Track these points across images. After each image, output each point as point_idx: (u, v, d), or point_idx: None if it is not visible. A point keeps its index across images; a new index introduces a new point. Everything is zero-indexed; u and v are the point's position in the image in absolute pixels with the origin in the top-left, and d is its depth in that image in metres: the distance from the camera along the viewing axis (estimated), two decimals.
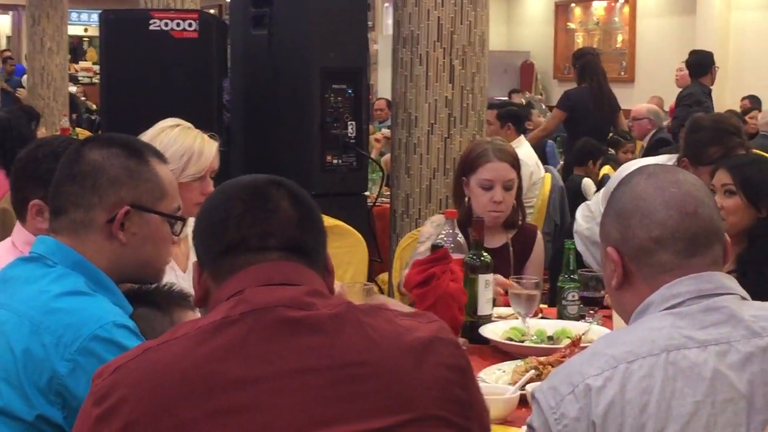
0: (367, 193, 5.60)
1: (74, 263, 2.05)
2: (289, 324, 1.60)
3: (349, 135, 5.23)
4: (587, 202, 4.30)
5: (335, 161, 5.20)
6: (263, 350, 1.58)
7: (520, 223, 3.77)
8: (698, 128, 3.86)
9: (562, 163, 8.46)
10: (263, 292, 1.64)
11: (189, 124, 3.22)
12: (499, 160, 3.64)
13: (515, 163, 3.70)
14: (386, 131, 8.49)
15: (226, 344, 1.58)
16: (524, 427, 1.91)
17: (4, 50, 16.80)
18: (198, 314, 2.25)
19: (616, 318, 2.98)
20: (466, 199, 3.70)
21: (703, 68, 8.51)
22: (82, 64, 22.06)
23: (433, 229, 3.71)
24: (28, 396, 1.91)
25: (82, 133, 10.27)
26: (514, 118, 6.84)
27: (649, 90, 12.87)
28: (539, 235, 3.87)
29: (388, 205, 5.72)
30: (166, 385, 1.55)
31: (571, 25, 15.98)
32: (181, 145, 3.10)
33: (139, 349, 1.64)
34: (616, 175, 4.17)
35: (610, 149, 8.07)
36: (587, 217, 4.33)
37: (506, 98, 12.35)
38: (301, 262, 1.70)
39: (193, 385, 1.55)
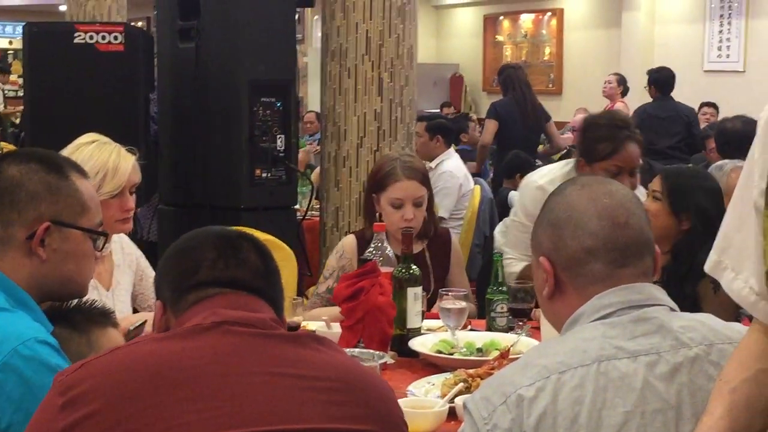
0: (296, 207, 5.58)
1: None
2: (258, 336, 1.71)
3: (278, 148, 5.20)
4: (505, 218, 4.33)
5: (264, 175, 5.17)
6: (233, 351, 1.67)
7: (432, 231, 3.78)
8: (590, 127, 3.90)
9: (491, 175, 8.50)
10: (232, 312, 1.73)
11: (107, 140, 3.17)
12: (408, 178, 3.64)
13: (424, 179, 3.71)
14: (310, 147, 8.49)
15: (198, 345, 1.67)
16: None
17: None
18: (119, 333, 2.24)
19: (545, 329, 2.99)
20: (378, 215, 3.70)
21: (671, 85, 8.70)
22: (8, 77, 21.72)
23: (337, 262, 3.71)
24: None
25: (7, 148, 10.10)
26: (444, 131, 6.86)
27: (576, 102, 13.01)
28: (453, 237, 3.89)
29: (317, 219, 5.71)
30: (133, 376, 1.62)
31: (500, 38, 16.10)
32: (97, 161, 3.06)
33: (104, 351, 1.72)
34: (522, 185, 4.20)
35: (538, 161, 8.13)
36: (504, 233, 4.36)
37: (437, 111, 12.40)
38: (264, 302, 1.81)
39: (161, 376, 1.61)
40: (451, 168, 6.58)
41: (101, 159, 3.07)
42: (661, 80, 8.72)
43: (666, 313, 1.80)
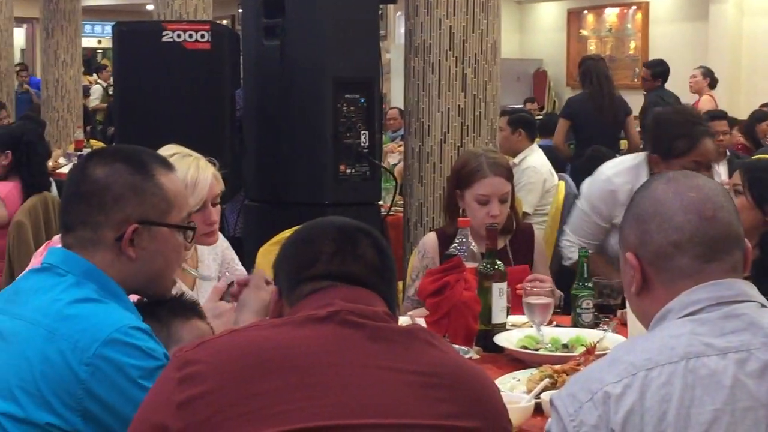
0: (380, 203, 5.60)
1: (85, 272, 2.07)
2: (371, 329, 1.74)
3: (362, 144, 5.22)
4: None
5: (348, 171, 5.20)
6: (343, 344, 1.71)
7: (514, 227, 3.77)
8: (664, 124, 3.85)
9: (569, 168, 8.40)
10: (347, 304, 1.77)
11: (187, 152, 3.15)
12: (494, 174, 3.63)
13: (509, 175, 3.70)
14: (393, 145, 8.49)
15: (310, 334, 1.71)
16: None
17: (18, 64, 16.88)
18: (206, 325, 2.27)
19: (632, 325, 2.97)
20: (461, 211, 3.69)
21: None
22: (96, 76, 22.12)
23: (420, 263, 3.71)
24: (48, 402, 1.92)
25: (96, 145, 10.30)
26: (525, 124, 6.79)
27: None
28: (536, 233, 3.88)
29: (401, 215, 5.72)
30: (249, 361, 1.66)
31: (584, 33, 15.96)
32: None
33: (223, 333, 1.79)
34: (594, 174, 4.16)
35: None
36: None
37: (521, 106, 12.32)
38: (378, 296, 1.85)
39: (275, 362, 1.66)
40: (535, 163, 6.53)
41: (180, 173, 3.04)
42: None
43: (757, 310, 1.77)
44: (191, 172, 3.10)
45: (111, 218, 2.09)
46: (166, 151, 3.15)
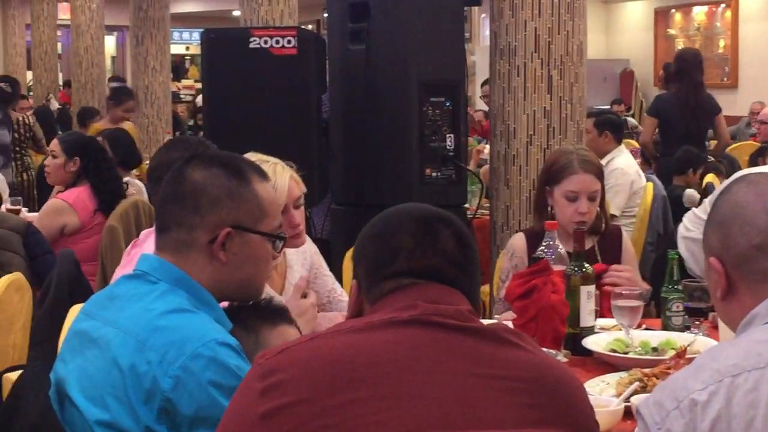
0: (466, 206, 5.59)
1: (176, 280, 2.09)
2: (455, 331, 1.69)
3: (448, 147, 5.22)
4: (695, 209, 4.21)
5: (434, 174, 5.20)
6: (430, 348, 1.66)
7: (603, 228, 3.74)
8: None
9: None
10: (429, 305, 1.72)
11: (266, 158, 3.15)
12: (585, 171, 3.61)
13: (600, 173, 3.67)
14: (481, 146, 8.47)
15: (393, 339, 1.67)
16: None
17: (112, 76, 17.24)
18: (295, 330, 2.28)
19: (723, 328, 2.92)
20: (549, 208, 3.68)
21: None
22: (184, 82, 22.47)
23: (509, 263, 3.70)
24: (135, 411, 1.95)
25: None
26: (612, 126, 6.72)
27: (752, 95, 12.61)
28: (624, 234, 3.84)
29: (487, 217, 5.71)
30: (333, 370, 1.62)
31: (672, 32, 15.75)
32: None
33: (304, 338, 1.74)
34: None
35: (710, 157, 7.89)
36: (696, 223, 4.25)
37: (607, 107, 12.20)
38: (460, 294, 1.79)
39: (356, 371, 1.62)
40: (622, 165, 6.46)
41: None
42: None
43: None
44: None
45: (206, 221, 2.12)
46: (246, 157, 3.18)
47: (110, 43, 21.65)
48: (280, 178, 3.12)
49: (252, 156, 3.14)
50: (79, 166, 5.43)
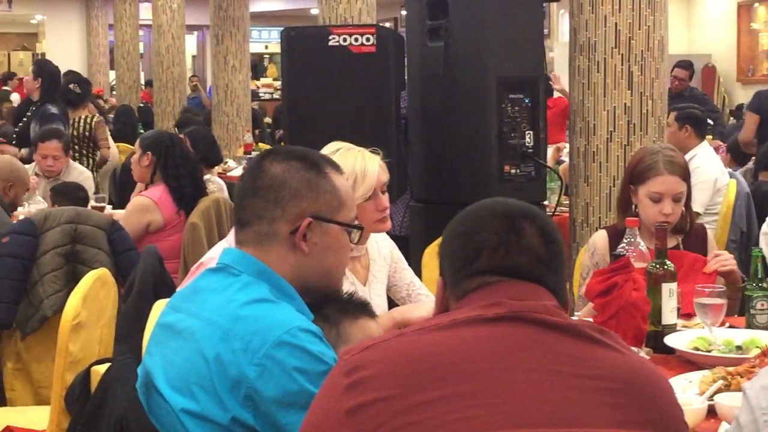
0: (545, 203, 5.56)
1: (258, 272, 2.12)
2: (542, 329, 1.68)
3: (527, 144, 5.21)
4: None
5: (513, 171, 5.19)
6: (513, 346, 1.65)
7: (688, 227, 3.70)
8: None
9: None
10: (515, 302, 1.71)
11: (350, 146, 3.22)
12: (670, 173, 3.57)
13: (686, 174, 3.63)
14: (561, 143, 8.42)
15: (479, 336, 1.66)
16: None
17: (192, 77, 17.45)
18: (376, 324, 2.30)
19: None
20: (633, 206, 3.65)
21: None
22: (263, 80, 22.66)
23: (590, 260, 3.68)
24: (222, 400, 1.98)
25: (265, 148, 10.54)
26: (694, 121, 6.61)
27: None
28: (709, 233, 3.79)
29: (567, 215, 5.68)
30: (419, 367, 1.61)
31: (755, 26, 15.47)
32: (344, 167, 3.11)
33: (389, 335, 1.73)
34: None
35: None
36: None
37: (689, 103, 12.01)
38: (546, 290, 1.77)
39: (442, 368, 1.61)
40: (706, 162, 6.37)
41: (348, 165, 3.13)
42: None
43: None
44: (359, 162, 3.16)
45: (287, 212, 2.15)
46: (331, 146, 3.23)
47: (191, 42, 21.92)
48: (370, 163, 3.17)
49: (337, 144, 3.20)
50: (152, 161, 5.51)
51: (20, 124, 8.27)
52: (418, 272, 3.78)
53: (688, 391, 2.58)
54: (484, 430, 1.56)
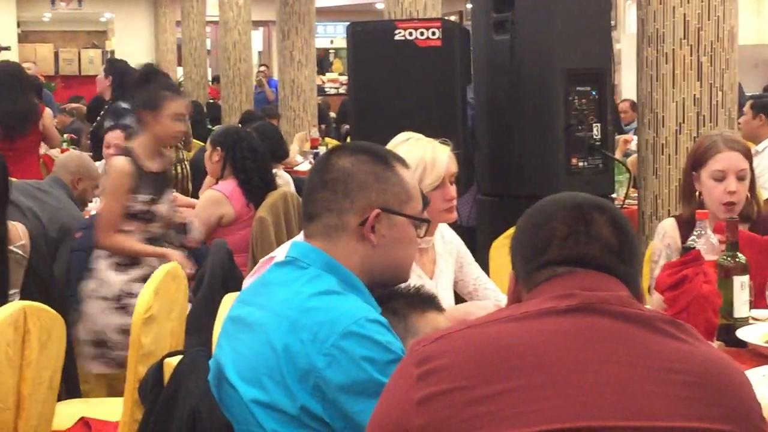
0: (613, 195, 5.53)
1: (326, 265, 2.15)
2: (615, 320, 1.66)
3: (594, 137, 5.18)
4: None
5: (581, 164, 5.17)
6: (587, 338, 1.63)
7: (755, 214, 3.65)
8: None
9: None
10: (587, 293, 1.69)
11: (420, 136, 3.25)
12: (730, 149, 3.54)
13: (747, 153, 3.60)
14: (628, 135, 8.34)
15: (551, 328, 1.64)
16: None
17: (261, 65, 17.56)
18: (443, 318, 2.30)
19: None
20: (697, 194, 3.62)
21: None
22: (329, 75, 22.74)
23: (661, 242, 3.65)
24: (290, 390, 2.00)
25: (331, 143, 10.59)
26: None
27: None
28: None
29: (635, 207, 5.63)
30: (491, 358, 1.61)
31: None
32: (414, 156, 3.14)
33: (460, 326, 1.71)
34: None
35: None
36: None
37: (759, 94, 11.85)
38: (618, 280, 1.75)
39: (518, 359, 1.60)
40: None
41: (418, 154, 3.15)
42: None
43: None
44: (429, 151, 3.18)
45: (355, 204, 2.17)
46: (402, 136, 3.25)
47: (257, 38, 22.05)
48: (439, 153, 3.19)
49: (407, 134, 3.22)
50: (222, 156, 5.57)
51: (94, 124, 8.37)
52: (485, 266, 3.78)
53: (762, 386, 2.55)
54: (556, 421, 1.55)
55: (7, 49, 13.56)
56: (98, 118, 8.30)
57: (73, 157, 5.69)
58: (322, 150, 9.59)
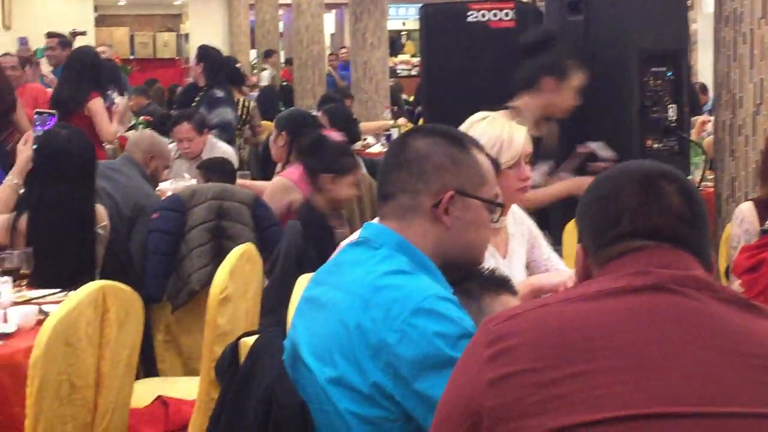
0: (689, 177, 5.46)
1: (397, 245, 2.16)
2: (693, 300, 1.61)
3: (670, 118, 5.12)
4: None
5: (655, 145, 5.12)
6: (665, 319, 1.58)
7: None
8: None
9: None
10: (663, 271, 1.64)
11: (497, 115, 3.24)
12: None
13: None
14: (705, 116, 8.24)
15: (627, 307, 1.60)
16: None
17: (332, 53, 17.59)
18: (517, 300, 2.30)
19: None
20: None
21: None
22: (401, 57, 22.73)
23: (739, 228, 3.60)
24: (362, 367, 2.02)
25: (404, 125, 10.59)
26: None
27: None
28: None
29: (712, 189, 5.56)
30: (564, 340, 1.57)
31: None
32: (491, 135, 3.13)
33: (533, 305, 1.68)
34: None
35: None
36: None
37: None
38: (691, 255, 1.69)
39: (589, 340, 1.56)
40: None
41: (495, 132, 3.15)
42: None
43: None
44: (506, 130, 3.17)
45: (430, 186, 2.18)
46: (479, 115, 3.25)
47: (329, 20, 22.12)
48: (516, 132, 3.18)
49: (484, 113, 3.22)
50: (287, 140, 5.60)
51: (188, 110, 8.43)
52: (556, 249, 3.76)
53: None
54: (633, 407, 1.51)
55: (83, 33, 13.75)
56: (193, 104, 8.38)
57: (145, 136, 5.71)
58: (394, 132, 9.60)
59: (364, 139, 9.45)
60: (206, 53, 8.17)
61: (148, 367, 4.33)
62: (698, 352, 1.55)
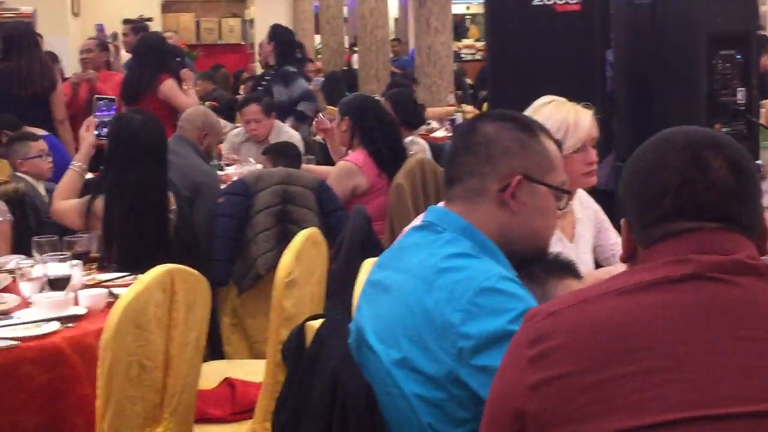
0: (759, 162, 5.38)
1: (461, 229, 2.16)
2: (735, 288, 1.53)
3: (739, 102, 5.05)
4: None
5: (724, 129, 5.05)
6: (707, 313, 1.52)
7: None
8: None
9: None
10: (704, 258, 1.57)
11: (563, 99, 3.23)
12: None
13: None
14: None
15: (667, 302, 1.53)
16: None
17: (394, 39, 17.58)
18: (581, 284, 2.29)
19: None
20: None
21: None
22: (465, 41, 22.62)
23: None
24: (428, 349, 2.03)
25: (467, 109, 10.56)
26: None
27: None
28: None
29: None
30: (602, 338, 1.53)
31: None
32: (557, 119, 3.12)
33: (574, 299, 1.62)
34: None
35: None
36: None
37: None
38: (739, 232, 1.61)
39: (630, 339, 1.51)
40: None
41: (561, 116, 3.14)
42: None
43: None
44: (572, 114, 3.16)
45: (497, 170, 2.18)
46: (545, 99, 3.24)
47: (393, 5, 22.07)
48: (582, 116, 3.17)
49: (550, 97, 3.22)
50: (350, 125, 5.62)
51: (259, 88, 8.47)
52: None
53: None
54: (680, 409, 1.45)
55: (149, 20, 13.88)
56: (264, 83, 8.43)
57: (198, 113, 5.70)
58: (458, 117, 9.58)
59: (428, 124, 9.44)
60: (277, 32, 8.27)
61: (214, 349, 4.38)
62: (742, 345, 1.49)
